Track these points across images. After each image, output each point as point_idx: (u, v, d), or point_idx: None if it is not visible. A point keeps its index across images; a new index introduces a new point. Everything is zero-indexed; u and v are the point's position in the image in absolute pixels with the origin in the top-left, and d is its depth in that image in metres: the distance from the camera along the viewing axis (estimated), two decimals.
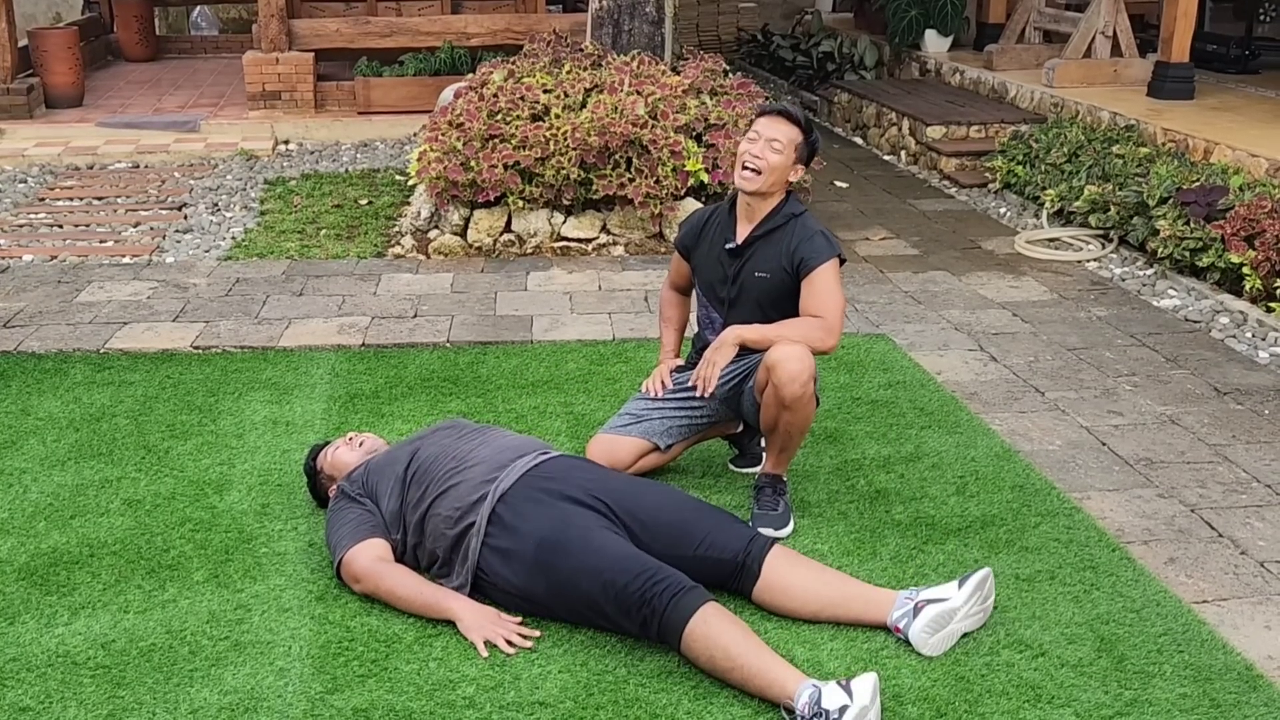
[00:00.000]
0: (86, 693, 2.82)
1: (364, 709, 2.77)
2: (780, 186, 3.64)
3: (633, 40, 7.35)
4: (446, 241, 6.35)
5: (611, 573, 2.96)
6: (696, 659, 2.86)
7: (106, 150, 8.54)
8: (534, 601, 3.09)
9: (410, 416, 4.35)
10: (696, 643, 2.84)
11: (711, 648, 2.82)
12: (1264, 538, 3.57)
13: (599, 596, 2.97)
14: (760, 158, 3.57)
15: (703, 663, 2.85)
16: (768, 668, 2.78)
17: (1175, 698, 2.83)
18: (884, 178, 8.40)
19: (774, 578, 3.11)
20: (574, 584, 3.00)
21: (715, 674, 2.85)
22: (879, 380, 4.72)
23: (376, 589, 3.15)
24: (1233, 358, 5.02)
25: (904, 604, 3.04)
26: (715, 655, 2.82)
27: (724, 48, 13.07)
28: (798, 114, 3.64)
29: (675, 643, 2.87)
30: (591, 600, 2.98)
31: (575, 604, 3.02)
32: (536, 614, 3.11)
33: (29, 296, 5.64)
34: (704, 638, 2.83)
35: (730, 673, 2.81)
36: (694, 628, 2.84)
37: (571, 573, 3.01)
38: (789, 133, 3.58)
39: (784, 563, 3.14)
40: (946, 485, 3.87)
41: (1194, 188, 6.12)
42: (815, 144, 3.67)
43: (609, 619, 2.99)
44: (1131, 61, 8.96)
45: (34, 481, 3.86)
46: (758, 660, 2.80)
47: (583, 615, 3.04)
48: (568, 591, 3.02)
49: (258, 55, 9.43)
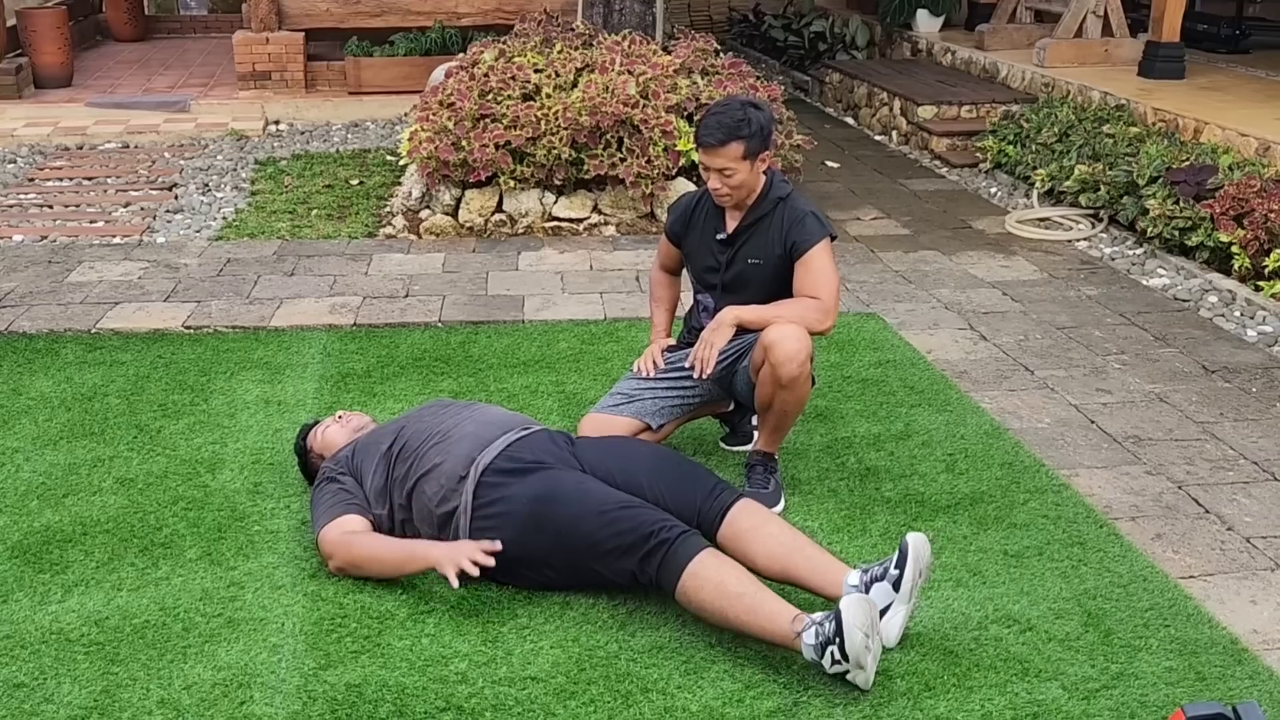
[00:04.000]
0: (80, 669, 2.84)
1: (357, 684, 2.79)
2: (756, 181, 3.61)
3: (624, 20, 7.34)
4: (438, 221, 6.34)
5: (616, 513, 3.00)
6: (700, 591, 2.87)
7: (96, 130, 8.51)
8: (529, 561, 3.09)
9: (402, 396, 4.36)
10: (705, 571, 2.86)
11: (723, 574, 2.87)
12: (1250, 514, 3.60)
13: (601, 535, 2.99)
14: (721, 188, 3.56)
15: (707, 595, 2.86)
16: (774, 599, 2.84)
17: (1161, 671, 2.86)
18: (875, 158, 8.40)
19: (742, 518, 3.12)
20: (575, 529, 3.02)
21: (717, 610, 2.86)
22: (869, 359, 4.74)
23: (349, 558, 3.15)
24: (1221, 336, 5.05)
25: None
26: (726, 580, 2.86)
27: (715, 27, 13.05)
28: (727, 125, 3.48)
29: (677, 577, 2.89)
30: (594, 543, 3.00)
31: (575, 552, 3.03)
32: (526, 580, 3.14)
33: (19, 277, 5.63)
34: (715, 567, 2.88)
35: (740, 599, 2.83)
36: (704, 558, 2.89)
37: (572, 519, 3.03)
38: (730, 153, 3.48)
39: (752, 509, 3.17)
40: (936, 463, 3.89)
41: (1184, 167, 6.14)
42: (763, 128, 3.52)
43: (607, 562, 2.99)
44: (1122, 41, 8.96)
45: (26, 461, 3.87)
46: (765, 592, 2.86)
47: (576, 567, 3.05)
48: (568, 539, 3.03)
49: (248, 35, 9.40)
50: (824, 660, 2.73)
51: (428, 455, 3.26)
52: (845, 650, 2.68)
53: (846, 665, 2.71)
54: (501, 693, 2.77)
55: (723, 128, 3.49)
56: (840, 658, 2.70)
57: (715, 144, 3.50)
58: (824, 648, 2.72)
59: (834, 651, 2.70)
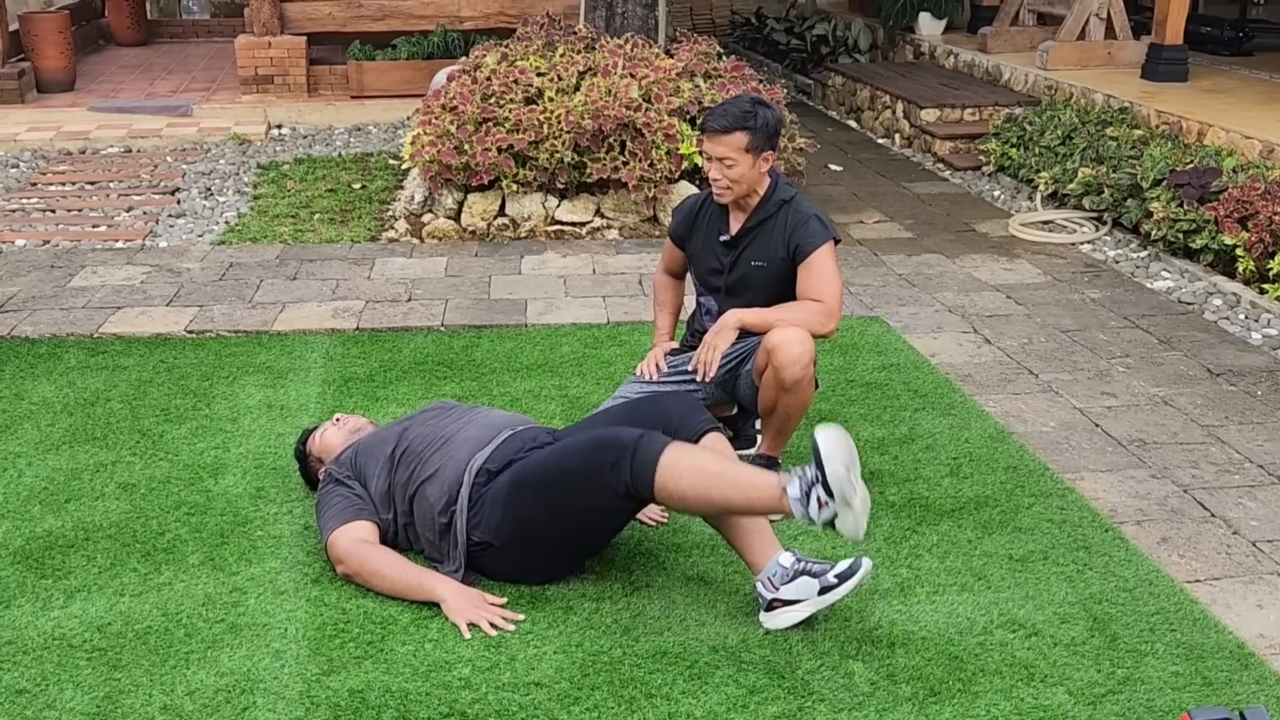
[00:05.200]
0: (83, 675, 2.83)
1: (360, 690, 2.78)
2: (758, 182, 3.61)
3: (626, 23, 7.33)
4: (440, 225, 6.34)
5: (582, 442, 3.06)
6: (680, 481, 2.89)
7: (98, 135, 8.51)
8: (526, 535, 3.08)
9: (404, 400, 4.35)
10: (679, 460, 2.90)
11: (699, 458, 2.93)
12: (1256, 517, 3.59)
13: (572, 465, 3.01)
14: (720, 179, 3.56)
15: (687, 482, 2.88)
16: (755, 469, 2.93)
17: (1167, 676, 2.85)
18: (878, 161, 8.39)
19: (715, 448, 3.12)
20: (550, 473, 3.06)
21: (702, 493, 2.89)
22: (873, 362, 4.73)
23: (360, 570, 3.14)
24: (1226, 339, 5.04)
25: (762, 591, 3.00)
26: (704, 463, 2.91)
27: (717, 31, 13.04)
28: (733, 113, 3.50)
29: (653, 472, 2.90)
30: (569, 476, 3.01)
31: (558, 495, 3.03)
32: (530, 568, 3.14)
33: (22, 281, 5.63)
34: (688, 453, 2.94)
35: (720, 476, 2.88)
36: (674, 448, 2.94)
37: (544, 464, 3.08)
38: (734, 141, 3.49)
39: (725, 444, 3.17)
40: (940, 467, 3.88)
41: (1187, 170, 6.13)
42: (769, 124, 3.52)
43: (589, 492, 2.99)
44: (1125, 44, 8.95)
45: (29, 466, 3.86)
46: (744, 466, 2.93)
47: (568, 513, 3.04)
48: (549, 486, 3.04)
49: (250, 39, 9.40)
50: (811, 509, 2.75)
51: (430, 459, 3.25)
52: (829, 484, 2.70)
53: (834, 507, 2.72)
54: (505, 698, 2.76)
55: (728, 115, 3.51)
56: (826, 498, 2.71)
57: (719, 130, 3.51)
58: (809, 495, 2.74)
59: (819, 494, 2.72)
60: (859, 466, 2.78)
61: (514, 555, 3.13)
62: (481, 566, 3.19)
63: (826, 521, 2.77)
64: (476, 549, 3.16)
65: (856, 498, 2.72)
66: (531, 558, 3.15)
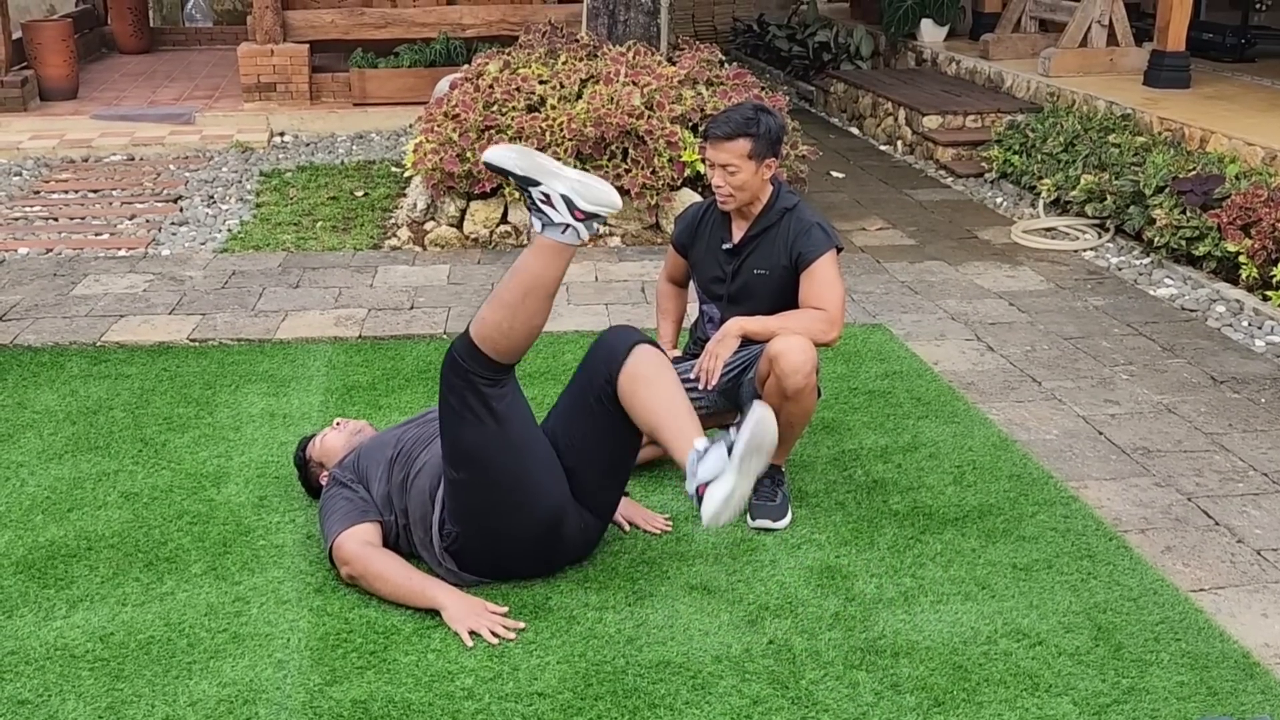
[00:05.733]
0: (85, 685, 2.82)
1: (363, 700, 2.77)
2: (761, 189, 3.61)
3: (628, 31, 7.33)
4: (443, 233, 6.34)
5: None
6: (491, 317, 2.99)
7: (101, 143, 8.52)
8: (474, 489, 3.08)
9: (407, 408, 4.35)
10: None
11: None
12: (1260, 526, 3.58)
13: (450, 380, 3.04)
14: (723, 186, 3.56)
15: (499, 310, 2.99)
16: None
17: (1172, 686, 2.84)
18: (880, 168, 8.39)
19: (641, 364, 3.12)
20: (446, 417, 3.09)
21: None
22: (876, 370, 4.72)
23: (365, 573, 3.14)
24: (1229, 346, 5.03)
25: (688, 489, 2.96)
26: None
27: (720, 38, 13.06)
28: (736, 120, 3.51)
29: (470, 336, 3.01)
30: (451, 389, 3.04)
31: (463, 421, 3.04)
32: (514, 560, 3.15)
33: (24, 289, 5.63)
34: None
35: (512, 277, 3.01)
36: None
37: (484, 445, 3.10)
38: (736, 148, 3.50)
39: (653, 357, 3.15)
40: (944, 475, 3.87)
41: (1190, 176, 6.12)
42: (771, 131, 3.53)
43: (465, 382, 3.01)
44: (1127, 50, 8.95)
45: (31, 475, 3.86)
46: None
47: (467, 428, 3.05)
48: (453, 426, 3.06)
49: (252, 47, 9.41)
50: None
51: (418, 458, 3.28)
52: (587, 210, 2.93)
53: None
54: (508, 709, 2.75)
55: (731, 122, 3.52)
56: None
57: (722, 136, 3.52)
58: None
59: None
60: (536, 151, 2.97)
61: (480, 535, 3.13)
62: (468, 564, 3.19)
63: (592, 211, 2.94)
64: (449, 541, 3.17)
65: (551, 164, 2.96)
66: (491, 525, 3.11)
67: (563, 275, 3.04)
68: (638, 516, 3.55)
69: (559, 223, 2.96)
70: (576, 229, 2.97)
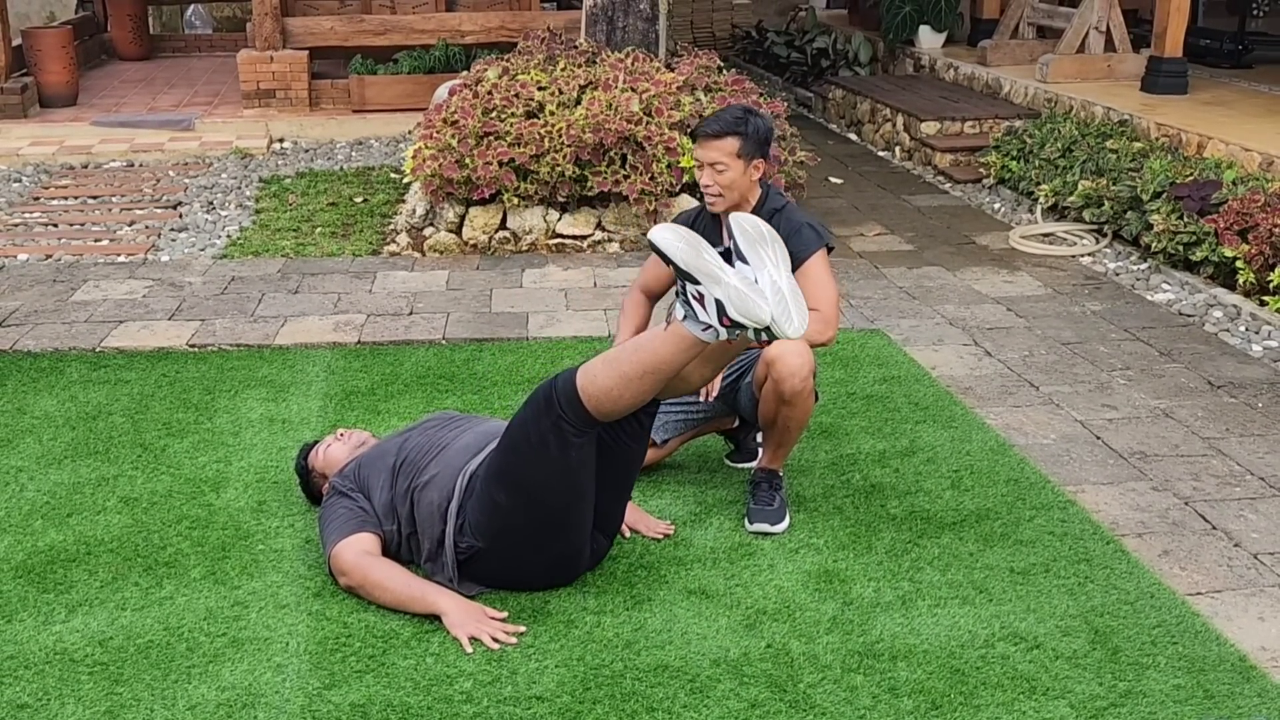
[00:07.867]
0: (84, 690, 2.83)
1: (361, 704, 2.78)
2: (750, 190, 3.62)
3: (627, 37, 7.35)
4: (442, 239, 6.35)
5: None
6: (596, 379, 2.97)
7: (101, 149, 8.53)
8: (506, 511, 3.09)
9: (406, 414, 4.36)
10: (589, 366, 3.00)
11: (602, 356, 3.02)
12: (1257, 530, 3.59)
13: (529, 409, 3.07)
14: (712, 184, 3.57)
15: (603, 377, 2.97)
16: (652, 332, 3.01)
17: (1169, 689, 2.85)
18: (878, 173, 8.41)
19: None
20: (512, 438, 3.10)
21: (619, 377, 2.95)
22: (874, 375, 4.73)
23: (364, 581, 3.14)
24: (1226, 351, 5.04)
25: (698, 332, 2.93)
26: (606, 355, 3.01)
27: (718, 44, 13.08)
28: (725, 120, 3.54)
29: (576, 390, 2.97)
30: (529, 419, 3.06)
31: (527, 446, 3.05)
32: (521, 566, 3.15)
33: (24, 295, 5.64)
34: (593, 360, 3.03)
35: (623, 352, 2.99)
36: (582, 365, 3.04)
37: (506, 434, 3.14)
38: (725, 147, 3.52)
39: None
40: (941, 479, 3.88)
41: (1187, 182, 6.14)
42: (760, 131, 3.55)
43: (542, 425, 3.03)
44: (1125, 56, 8.97)
45: (31, 480, 3.87)
46: (642, 335, 3.07)
47: (535, 465, 3.05)
48: (514, 450, 3.08)
49: (252, 53, 9.43)
50: (700, 313, 2.85)
51: (427, 467, 3.27)
52: (684, 272, 2.81)
53: (705, 288, 2.81)
54: (506, 712, 2.76)
55: (720, 121, 3.55)
56: (694, 288, 2.82)
57: (710, 135, 3.54)
58: (688, 303, 2.84)
59: (690, 292, 2.83)
60: (705, 242, 2.85)
61: (502, 553, 3.13)
62: (477, 574, 3.19)
63: (739, 321, 2.81)
64: (465, 554, 3.17)
65: (715, 266, 2.78)
66: (518, 549, 3.14)
67: (685, 366, 2.98)
68: (640, 523, 3.55)
69: (702, 321, 2.86)
70: (719, 331, 2.86)
